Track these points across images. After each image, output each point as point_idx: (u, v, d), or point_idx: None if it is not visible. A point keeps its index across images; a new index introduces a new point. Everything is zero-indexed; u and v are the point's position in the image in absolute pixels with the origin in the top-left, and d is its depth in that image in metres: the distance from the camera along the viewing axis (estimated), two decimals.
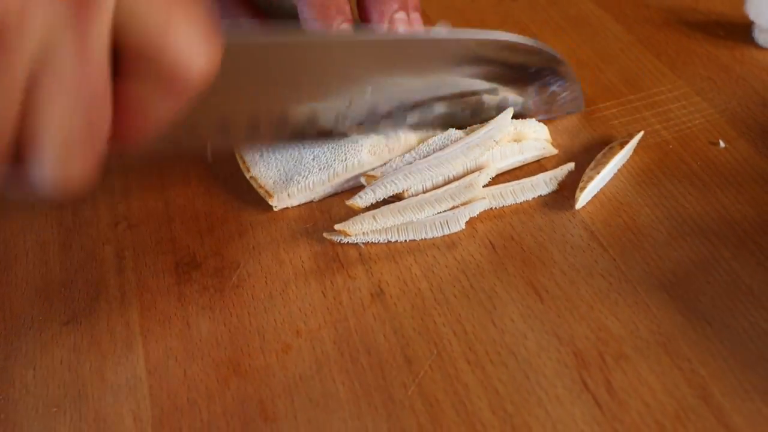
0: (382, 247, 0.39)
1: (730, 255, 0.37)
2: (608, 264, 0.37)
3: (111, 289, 0.39)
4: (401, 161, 0.41)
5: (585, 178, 0.40)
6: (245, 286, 0.38)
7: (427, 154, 0.41)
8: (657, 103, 0.46)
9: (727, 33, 0.51)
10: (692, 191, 0.40)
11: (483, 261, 0.38)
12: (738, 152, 0.42)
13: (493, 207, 0.40)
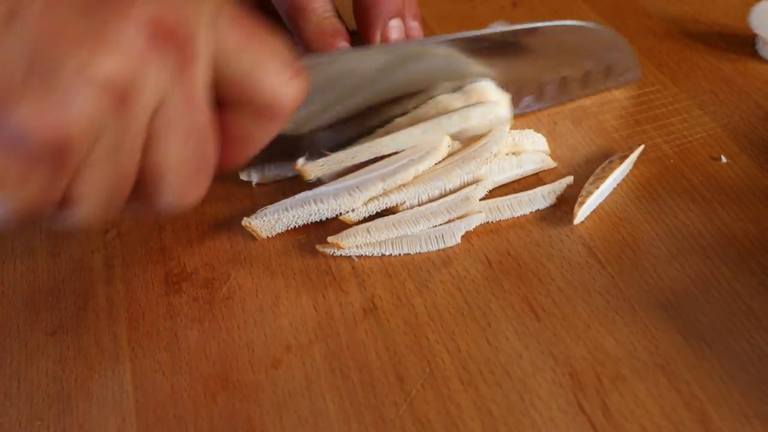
0: (375, 260, 0.38)
1: (730, 274, 0.36)
2: (606, 281, 0.36)
3: (99, 299, 0.38)
4: None
5: (584, 193, 0.39)
6: (235, 298, 0.37)
7: None
8: (658, 116, 0.45)
9: (729, 45, 0.50)
10: (693, 207, 0.40)
11: (478, 277, 0.37)
12: (740, 167, 0.42)
13: (489, 221, 0.39)
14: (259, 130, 0.33)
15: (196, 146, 0.30)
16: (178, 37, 0.28)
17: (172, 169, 0.30)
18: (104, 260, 0.40)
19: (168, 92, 0.29)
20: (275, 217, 0.39)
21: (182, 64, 0.29)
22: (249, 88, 0.31)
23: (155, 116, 0.29)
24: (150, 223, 0.41)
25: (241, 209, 0.41)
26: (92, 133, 0.27)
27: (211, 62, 0.30)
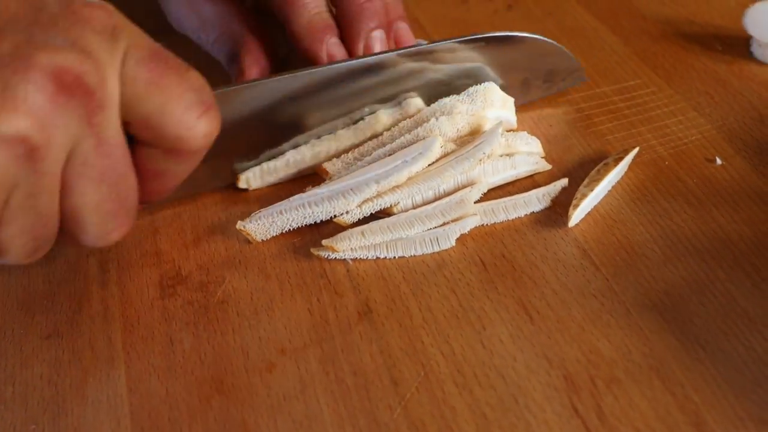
0: (370, 263, 0.38)
1: (725, 276, 0.36)
2: (601, 284, 0.36)
3: (94, 302, 0.38)
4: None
5: (578, 195, 0.39)
6: (230, 301, 0.37)
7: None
8: (653, 118, 0.45)
9: (724, 47, 0.50)
10: (687, 209, 0.40)
11: (473, 279, 0.37)
12: (734, 170, 0.42)
13: (484, 223, 0.39)
14: (175, 166, 0.34)
15: (112, 187, 0.31)
16: (83, 86, 0.28)
17: (91, 210, 0.31)
18: (99, 264, 0.40)
19: (78, 140, 0.29)
20: (269, 220, 0.39)
21: (89, 113, 0.29)
22: (158, 127, 0.32)
23: (69, 162, 0.30)
24: (145, 226, 0.41)
25: (236, 213, 0.41)
26: (4, 188, 0.28)
27: (119, 104, 0.30)
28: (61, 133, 0.28)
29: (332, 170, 0.41)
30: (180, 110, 0.31)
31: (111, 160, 0.30)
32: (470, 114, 0.41)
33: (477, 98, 0.42)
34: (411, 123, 0.42)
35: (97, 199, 0.31)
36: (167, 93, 0.31)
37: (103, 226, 0.32)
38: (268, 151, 0.42)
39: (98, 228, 0.32)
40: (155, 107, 0.31)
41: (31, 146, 0.28)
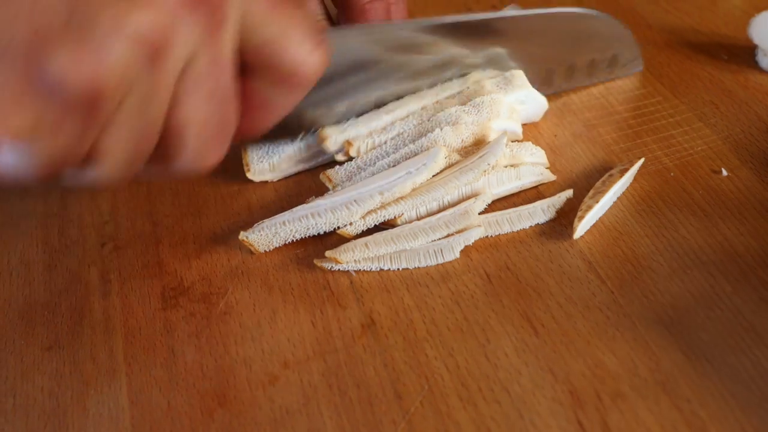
0: (374, 275, 0.38)
1: (731, 289, 0.36)
2: (606, 297, 0.36)
3: (95, 313, 0.38)
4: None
5: (583, 207, 0.39)
6: (233, 313, 0.37)
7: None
8: (658, 128, 0.45)
9: (730, 56, 0.50)
10: (693, 221, 0.39)
11: (477, 292, 0.37)
12: (741, 181, 0.41)
13: (489, 235, 0.39)
14: (281, 98, 0.34)
15: (219, 107, 0.31)
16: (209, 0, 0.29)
17: (195, 127, 0.31)
18: (100, 274, 0.40)
19: (197, 52, 0.29)
20: (272, 231, 0.38)
21: (212, 26, 0.29)
22: (273, 55, 0.32)
23: (183, 75, 0.30)
24: (147, 236, 0.41)
25: (239, 223, 0.41)
26: (124, 85, 0.28)
27: (238, 28, 0.30)
28: (183, 41, 0.29)
29: (335, 178, 0.41)
30: (297, 39, 0.32)
31: (222, 80, 0.31)
32: (475, 125, 0.41)
33: (483, 109, 0.41)
34: (415, 133, 0.41)
35: (203, 117, 0.31)
36: (286, 21, 0.32)
37: (202, 146, 0.32)
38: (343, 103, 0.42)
39: (197, 148, 0.31)
40: (273, 34, 0.31)
41: (154, 47, 0.28)
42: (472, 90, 0.43)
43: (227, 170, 0.44)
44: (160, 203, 0.43)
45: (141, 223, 0.42)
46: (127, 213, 0.43)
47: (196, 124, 0.31)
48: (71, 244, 0.41)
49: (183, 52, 0.29)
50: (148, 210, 0.43)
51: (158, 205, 0.43)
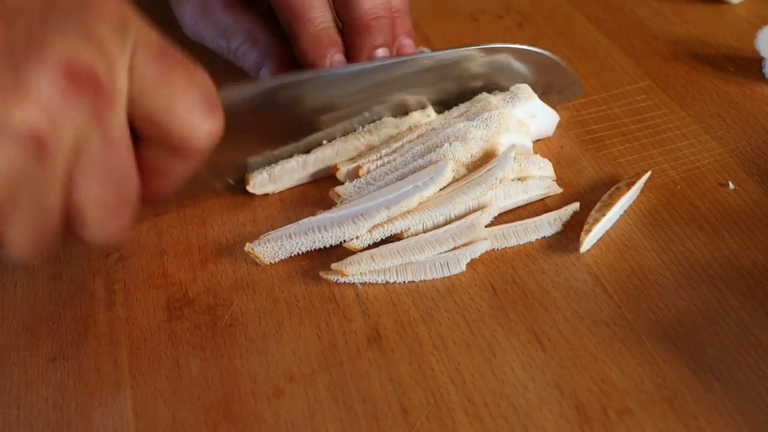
0: (379, 288, 0.38)
1: (738, 304, 0.36)
2: (613, 311, 0.36)
3: (100, 324, 0.38)
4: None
5: (590, 221, 0.39)
6: (238, 325, 0.37)
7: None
8: (665, 140, 0.45)
9: (736, 68, 0.50)
10: (700, 235, 0.39)
11: (483, 305, 0.36)
12: (747, 194, 0.41)
13: (495, 248, 0.39)
14: (177, 165, 0.33)
15: (115, 183, 0.31)
16: (94, 80, 0.28)
17: (94, 206, 0.30)
18: (105, 285, 0.40)
19: (86, 135, 0.29)
20: (278, 243, 0.38)
21: (99, 105, 0.29)
22: (163, 124, 0.31)
23: (75, 159, 0.29)
24: (152, 247, 0.41)
25: (244, 234, 0.41)
26: (13, 182, 0.27)
27: (125, 101, 0.30)
28: (70, 127, 0.28)
29: (343, 194, 0.41)
30: (186, 108, 0.31)
31: (116, 157, 0.30)
32: (484, 140, 0.41)
33: (491, 124, 0.41)
34: (423, 149, 0.41)
35: (100, 196, 0.30)
36: (174, 90, 0.31)
37: (105, 222, 0.31)
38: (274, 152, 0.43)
39: (100, 224, 0.31)
40: (161, 104, 0.31)
41: (40, 140, 0.27)
42: (479, 108, 0.43)
43: None
44: (165, 213, 0.43)
45: (146, 234, 0.42)
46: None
47: (95, 202, 0.30)
48: (76, 254, 0.41)
49: (70, 140, 0.28)
50: (154, 220, 0.43)
51: (163, 215, 0.43)
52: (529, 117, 0.43)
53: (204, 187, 0.42)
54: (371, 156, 0.42)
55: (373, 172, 0.41)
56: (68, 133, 0.28)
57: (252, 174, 0.43)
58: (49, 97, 0.27)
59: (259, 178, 0.42)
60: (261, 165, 0.43)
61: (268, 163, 0.43)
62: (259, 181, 0.42)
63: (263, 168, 0.43)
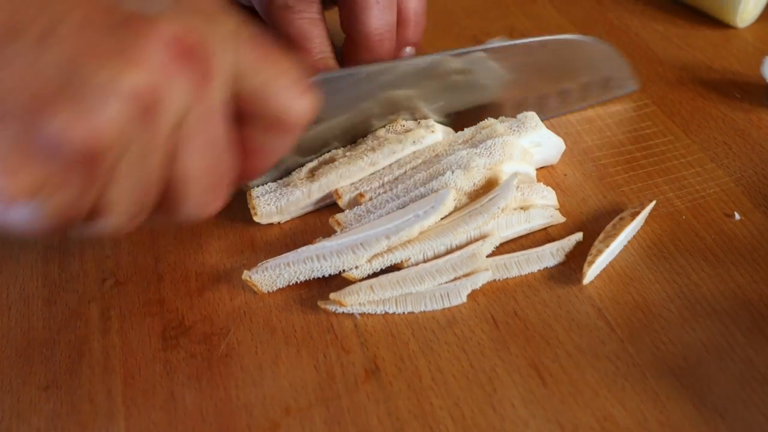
0: (378, 318, 0.37)
1: (744, 340, 0.35)
2: (616, 346, 0.35)
3: (94, 352, 0.37)
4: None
5: (593, 252, 0.38)
6: (234, 355, 0.36)
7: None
8: (670, 168, 0.44)
9: (743, 94, 0.49)
10: (705, 267, 0.39)
11: (484, 338, 0.36)
12: (754, 225, 0.41)
13: (496, 279, 0.38)
14: (273, 143, 0.34)
15: (214, 158, 0.32)
16: (198, 54, 0.30)
17: (193, 179, 0.32)
18: (101, 310, 0.39)
19: (189, 106, 0.30)
20: (276, 272, 0.38)
21: (202, 79, 0.30)
22: (263, 102, 0.33)
23: (177, 128, 0.30)
24: (149, 272, 0.41)
25: (242, 261, 0.41)
26: (121, 142, 0.28)
27: (229, 78, 0.31)
28: (176, 96, 0.29)
29: (344, 221, 0.40)
30: (285, 85, 0.33)
31: (216, 131, 0.31)
32: (487, 168, 0.40)
33: (495, 151, 0.41)
34: (425, 176, 0.41)
35: (200, 167, 0.32)
36: (272, 70, 0.33)
37: (201, 196, 0.32)
38: None
39: (197, 198, 0.32)
40: (261, 83, 0.32)
41: (148, 104, 0.28)
42: (484, 134, 0.42)
43: (230, 206, 0.44)
44: (163, 238, 0.42)
45: (143, 258, 0.41)
46: (129, 247, 0.42)
47: (194, 174, 0.32)
48: (72, 278, 0.41)
49: (175, 107, 0.30)
50: (151, 245, 0.42)
51: (160, 240, 0.42)
52: (534, 146, 0.43)
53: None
54: (374, 182, 0.42)
55: (374, 200, 0.41)
56: (173, 101, 0.29)
57: (258, 203, 0.42)
58: (157, 66, 0.28)
59: (267, 209, 0.42)
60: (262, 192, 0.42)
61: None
62: (266, 212, 0.42)
63: (270, 197, 0.42)
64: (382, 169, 0.42)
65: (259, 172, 0.36)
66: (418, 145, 0.43)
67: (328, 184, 0.42)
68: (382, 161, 0.42)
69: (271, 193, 0.42)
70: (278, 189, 0.42)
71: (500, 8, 0.59)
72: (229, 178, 0.33)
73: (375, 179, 0.42)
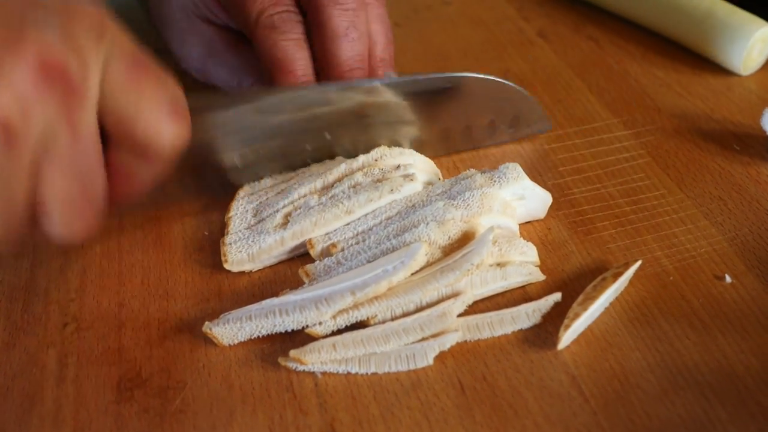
0: (340, 378, 0.35)
1: (727, 416, 0.33)
2: (588, 418, 0.33)
3: (47, 401, 0.36)
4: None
5: (571, 315, 0.36)
6: (188, 411, 0.35)
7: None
8: (660, 225, 0.42)
9: (742, 146, 0.47)
10: (690, 334, 0.36)
11: (449, 404, 0.34)
12: (745, 290, 0.38)
13: (467, 340, 0.36)
14: (143, 168, 0.35)
15: (81, 180, 0.32)
16: (65, 77, 0.30)
17: (58, 201, 0.32)
18: (58, 357, 0.38)
19: (54, 129, 0.30)
20: (237, 325, 0.36)
21: (69, 103, 0.30)
22: (129, 126, 0.33)
23: (42, 150, 0.30)
24: (111, 318, 0.39)
25: (207, 310, 0.39)
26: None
27: (96, 100, 0.32)
28: (39, 119, 0.30)
29: (312, 273, 0.39)
30: (152, 112, 0.33)
31: (83, 154, 0.32)
32: (464, 221, 0.39)
33: (473, 203, 0.39)
34: (399, 227, 0.39)
35: (65, 190, 0.31)
36: (142, 94, 0.33)
37: (69, 219, 0.32)
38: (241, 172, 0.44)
39: (64, 221, 0.32)
40: (129, 107, 0.33)
41: (8, 127, 0.29)
42: (463, 186, 0.41)
43: (203, 249, 0.43)
44: (129, 282, 0.41)
45: (107, 303, 0.40)
46: (94, 291, 0.41)
47: (60, 197, 0.31)
48: (33, 321, 0.40)
49: (39, 129, 0.30)
50: (117, 289, 0.41)
51: (127, 284, 0.41)
52: (517, 198, 0.41)
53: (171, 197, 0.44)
54: (347, 232, 0.40)
55: (345, 251, 0.39)
56: (37, 123, 0.30)
57: (229, 250, 0.41)
58: (21, 88, 0.29)
59: (238, 256, 0.40)
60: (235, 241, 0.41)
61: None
62: (237, 259, 0.40)
63: (242, 244, 0.41)
64: (357, 219, 0.41)
65: (130, 198, 0.36)
66: (396, 194, 0.41)
67: (301, 231, 0.41)
68: (358, 210, 0.41)
69: (243, 240, 0.41)
70: (251, 236, 0.41)
71: (496, 50, 0.57)
72: (97, 200, 0.33)
73: (349, 229, 0.41)
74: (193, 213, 0.45)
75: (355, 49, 0.44)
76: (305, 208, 0.41)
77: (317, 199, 0.42)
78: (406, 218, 0.40)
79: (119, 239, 0.44)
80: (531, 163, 0.47)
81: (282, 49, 0.43)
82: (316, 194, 0.42)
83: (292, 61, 0.43)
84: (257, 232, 0.41)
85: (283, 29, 0.43)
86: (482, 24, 0.62)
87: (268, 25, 0.43)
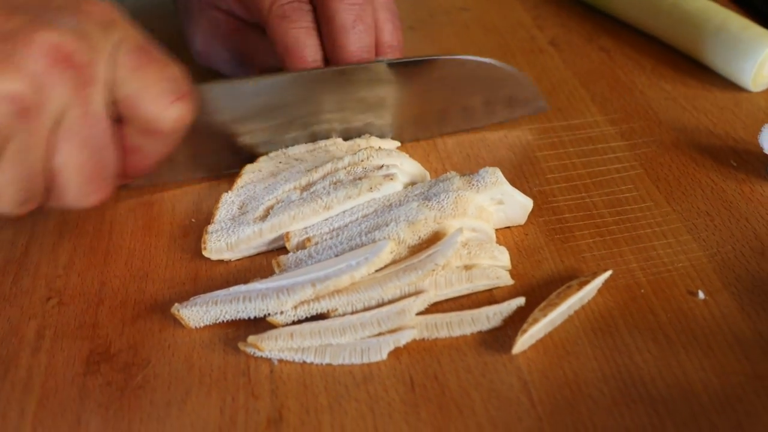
0: (295, 367, 0.36)
1: None
2: (532, 423, 0.33)
3: (20, 370, 0.37)
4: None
5: (530, 320, 0.36)
6: (148, 388, 0.36)
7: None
8: (641, 237, 0.42)
9: (740, 162, 0.46)
10: (652, 348, 0.36)
11: (396, 399, 0.34)
12: (717, 307, 0.38)
13: (424, 338, 0.37)
14: (149, 145, 0.39)
15: (93, 154, 0.37)
16: (76, 61, 0.35)
17: (71, 172, 0.36)
18: (38, 328, 0.39)
19: (67, 107, 0.35)
20: (204, 309, 0.37)
21: (80, 84, 0.35)
22: (135, 107, 0.38)
23: (57, 126, 0.35)
24: (92, 295, 0.41)
25: (181, 293, 0.40)
26: (1, 138, 0.34)
27: (105, 83, 0.36)
28: (53, 98, 0.34)
29: (284, 264, 0.39)
30: (154, 95, 0.37)
31: (93, 129, 0.36)
32: (436, 222, 0.39)
33: (447, 205, 0.39)
34: (371, 225, 0.40)
35: (78, 162, 0.36)
36: (146, 79, 0.37)
37: (81, 188, 0.37)
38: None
39: (77, 189, 0.37)
40: (134, 90, 0.37)
41: (25, 105, 0.33)
42: (440, 188, 0.41)
43: (188, 235, 0.44)
44: (114, 262, 0.43)
45: (90, 281, 0.42)
46: (81, 268, 0.43)
47: (72, 169, 0.36)
48: (20, 293, 0.42)
49: (54, 108, 0.34)
50: (101, 268, 0.42)
51: (111, 264, 0.43)
52: (495, 203, 0.41)
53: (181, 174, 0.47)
54: (323, 228, 0.41)
55: (318, 245, 0.40)
56: (51, 102, 0.34)
57: (209, 238, 0.42)
58: (35, 70, 0.34)
59: (217, 245, 0.41)
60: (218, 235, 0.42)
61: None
62: (216, 247, 0.41)
63: (221, 234, 0.42)
64: (336, 215, 0.42)
65: (141, 170, 0.40)
66: (375, 193, 0.42)
67: (279, 224, 0.41)
68: (336, 206, 0.41)
69: (224, 230, 0.42)
70: (232, 226, 0.42)
71: (505, 57, 0.57)
72: (109, 172, 0.38)
73: (326, 224, 0.41)
74: (185, 201, 0.46)
75: (362, 40, 0.46)
76: (286, 202, 0.42)
77: (299, 194, 0.43)
78: (380, 217, 0.40)
79: (111, 221, 0.45)
80: (519, 169, 0.47)
81: (293, 37, 0.45)
82: (299, 190, 0.43)
83: (302, 47, 0.46)
84: (238, 223, 0.42)
85: (293, 18, 0.45)
86: (495, 30, 0.62)
87: (279, 14, 0.46)
